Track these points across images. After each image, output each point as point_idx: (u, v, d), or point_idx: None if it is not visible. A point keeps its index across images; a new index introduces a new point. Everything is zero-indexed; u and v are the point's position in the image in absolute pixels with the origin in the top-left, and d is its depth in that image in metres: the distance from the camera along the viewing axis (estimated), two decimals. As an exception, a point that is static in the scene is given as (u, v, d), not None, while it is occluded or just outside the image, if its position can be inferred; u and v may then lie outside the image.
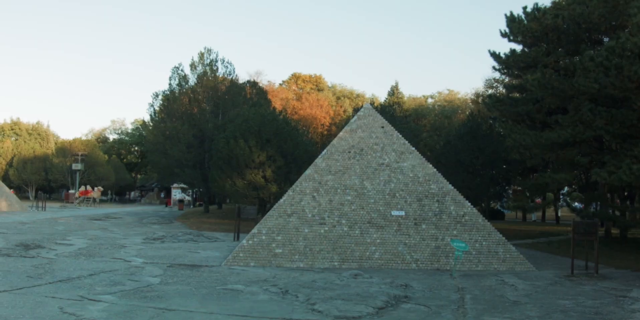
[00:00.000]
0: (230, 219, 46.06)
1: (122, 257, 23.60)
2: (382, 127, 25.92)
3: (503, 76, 49.37)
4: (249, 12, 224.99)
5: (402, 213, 23.92)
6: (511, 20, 35.44)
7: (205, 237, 33.50)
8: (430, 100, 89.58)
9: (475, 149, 44.66)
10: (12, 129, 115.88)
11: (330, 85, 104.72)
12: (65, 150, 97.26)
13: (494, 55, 37.07)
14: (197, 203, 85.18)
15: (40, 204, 65.07)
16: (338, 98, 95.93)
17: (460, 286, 18.44)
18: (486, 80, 66.38)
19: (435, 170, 25.34)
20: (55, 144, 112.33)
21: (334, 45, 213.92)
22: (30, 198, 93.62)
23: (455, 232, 23.67)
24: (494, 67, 40.29)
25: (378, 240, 23.27)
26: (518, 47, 36.65)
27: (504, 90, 50.16)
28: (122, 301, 14.32)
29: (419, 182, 24.70)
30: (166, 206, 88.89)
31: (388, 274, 20.72)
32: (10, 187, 73.64)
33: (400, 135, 26.09)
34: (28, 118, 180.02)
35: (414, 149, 25.76)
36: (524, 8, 35.13)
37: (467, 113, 61.37)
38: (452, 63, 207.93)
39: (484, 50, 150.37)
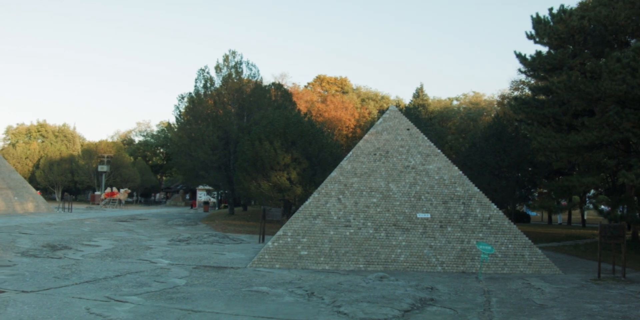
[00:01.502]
0: (255, 221, 46.09)
1: (148, 258, 23.70)
2: (408, 129, 25.89)
3: (529, 78, 49.18)
4: (274, 15, 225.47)
5: (428, 215, 23.87)
6: (537, 21, 35.24)
7: (231, 239, 33.54)
8: (455, 103, 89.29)
9: (501, 152, 44.46)
10: (39, 131, 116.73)
11: (354, 88, 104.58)
12: (91, 152, 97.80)
13: (520, 57, 36.87)
14: (222, 205, 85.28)
15: (66, 205, 65.44)
16: (363, 100, 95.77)
17: (486, 289, 18.35)
18: (512, 82, 66.07)
19: (461, 172, 25.25)
20: (82, 145, 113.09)
21: (359, 47, 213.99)
22: (57, 199, 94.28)
23: (481, 234, 23.58)
24: (519, 69, 40.06)
25: (404, 243, 23.22)
26: (544, 49, 36.43)
27: (529, 92, 49.92)
28: (148, 302, 14.37)
29: (444, 185, 24.64)
30: (191, 208, 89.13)
31: (414, 277, 20.66)
32: (36, 189, 74.21)
33: (426, 138, 26.04)
34: (54, 120, 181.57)
35: (439, 151, 25.69)
36: (550, 9, 34.91)
37: (493, 115, 61.13)
38: (478, 65, 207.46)
39: (509, 52, 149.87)
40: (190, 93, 58.88)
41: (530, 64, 36.67)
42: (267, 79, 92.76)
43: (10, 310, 12.79)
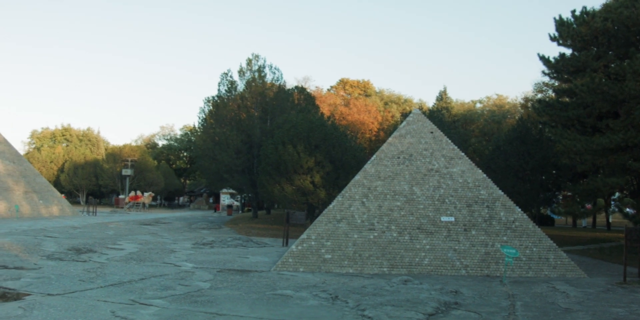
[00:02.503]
0: (278, 225, 46.19)
1: (172, 261, 23.80)
2: (432, 132, 25.85)
3: (552, 80, 48.90)
4: (298, 18, 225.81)
5: (452, 219, 23.81)
6: (560, 24, 35.06)
7: (254, 242, 33.59)
8: (478, 105, 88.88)
9: (525, 154, 44.24)
10: (63, 135, 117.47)
11: (377, 91, 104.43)
12: (115, 155, 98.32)
13: (543, 59, 36.69)
14: (246, 208, 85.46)
15: (90, 208, 65.90)
16: (386, 103, 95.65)
17: (510, 293, 18.28)
18: (535, 84, 65.73)
19: (485, 175, 25.17)
20: (106, 149, 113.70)
21: (382, 51, 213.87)
22: (81, 203, 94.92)
23: (505, 238, 23.49)
24: (543, 72, 39.81)
25: (427, 246, 23.18)
26: (567, 51, 36.24)
27: (553, 95, 49.64)
28: (173, 305, 14.43)
29: (468, 188, 24.58)
30: (215, 211, 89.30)
31: (438, 280, 20.62)
32: (61, 192, 74.67)
33: (450, 141, 25.99)
34: (78, 124, 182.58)
35: (463, 154, 25.63)
36: (573, 11, 34.75)
37: (516, 118, 60.84)
38: (501, 67, 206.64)
39: (533, 54, 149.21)
40: (213, 97, 59.06)
41: (554, 66, 36.48)
42: (290, 83, 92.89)
43: (36, 313, 12.90)
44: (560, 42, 35.66)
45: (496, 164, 45.41)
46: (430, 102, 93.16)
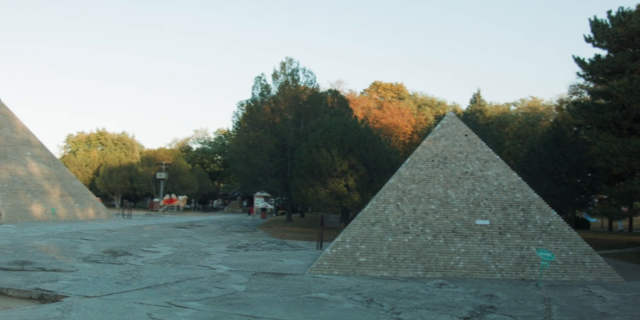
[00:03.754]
0: (312, 228, 46.18)
1: (207, 264, 23.90)
2: (466, 135, 25.77)
3: (588, 82, 48.57)
4: (329, 22, 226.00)
5: (487, 222, 23.71)
6: (595, 25, 34.86)
7: (289, 245, 33.64)
8: (512, 108, 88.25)
9: (560, 157, 43.86)
10: (98, 139, 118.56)
11: (411, 94, 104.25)
12: (149, 159, 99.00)
13: (578, 61, 36.50)
14: (280, 211, 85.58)
15: (125, 212, 66.33)
16: (419, 106, 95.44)
17: (546, 297, 18.16)
18: (570, 86, 65.27)
19: (520, 178, 25.04)
20: (140, 153, 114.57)
21: (415, 53, 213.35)
22: (116, 206, 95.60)
23: (540, 241, 23.34)
24: (578, 73, 39.59)
25: (462, 250, 23.10)
26: (603, 53, 36.02)
27: (589, 97, 49.26)
28: (209, 308, 14.49)
29: (503, 191, 24.47)
30: (249, 214, 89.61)
31: (473, 284, 20.53)
32: (96, 196, 75.18)
33: (484, 144, 25.89)
34: (113, 128, 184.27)
35: (498, 157, 25.51)
36: (609, 12, 34.52)
37: (551, 120, 60.39)
38: (535, 69, 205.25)
39: (567, 56, 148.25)
40: (247, 101, 59.30)
41: (589, 68, 36.27)
42: (324, 86, 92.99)
43: (74, 315, 13.00)
44: (596, 43, 35.46)
45: (531, 166, 45.07)
46: (464, 104, 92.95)
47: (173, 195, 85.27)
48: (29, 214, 47.23)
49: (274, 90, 58.22)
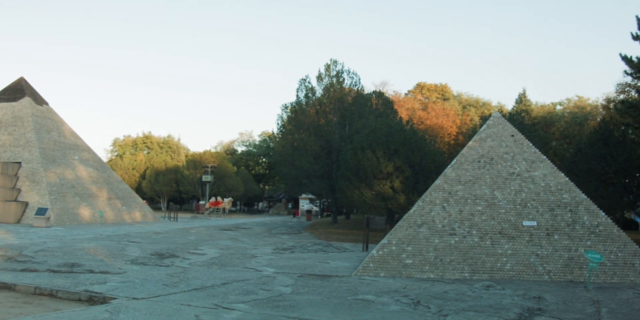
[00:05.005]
0: (358, 230, 46.15)
1: (253, 266, 23.96)
2: (512, 135, 25.58)
3: (635, 80, 47.94)
4: (373, 23, 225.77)
5: (534, 223, 23.50)
6: (643, 22, 34.40)
7: (334, 247, 33.61)
8: (559, 107, 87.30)
9: (608, 157, 43.31)
10: (144, 143, 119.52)
11: (455, 94, 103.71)
12: (195, 162, 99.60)
13: (626, 59, 36.01)
14: (325, 213, 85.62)
15: (172, 214, 66.83)
16: (464, 107, 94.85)
17: (595, 299, 17.94)
18: (617, 85, 64.30)
19: (567, 179, 24.79)
20: (186, 156, 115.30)
21: (459, 54, 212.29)
22: (162, 209, 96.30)
23: (589, 242, 23.08)
24: (625, 72, 39.02)
25: (509, 251, 22.93)
26: (652, 51, 35.55)
27: (636, 95, 48.64)
28: (256, 310, 14.50)
29: (550, 192, 24.24)
30: (294, 217, 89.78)
31: (520, 286, 20.35)
32: (143, 198, 75.83)
33: (531, 144, 25.68)
34: (159, 132, 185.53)
35: (545, 157, 25.29)
36: (657, 10, 34.09)
37: (598, 120, 59.72)
38: (581, 68, 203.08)
39: (614, 54, 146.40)
40: (292, 103, 59.40)
41: (637, 66, 35.77)
42: (368, 88, 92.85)
43: (122, 316, 13.10)
44: (644, 41, 34.97)
45: (578, 167, 44.58)
46: (509, 105, 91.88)
47: (219, 198, 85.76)
48: (77, 217, 47.78)
49: (319, 92, 58.20)
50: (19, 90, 52.51)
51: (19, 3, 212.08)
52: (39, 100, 53.38)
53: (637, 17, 34.70)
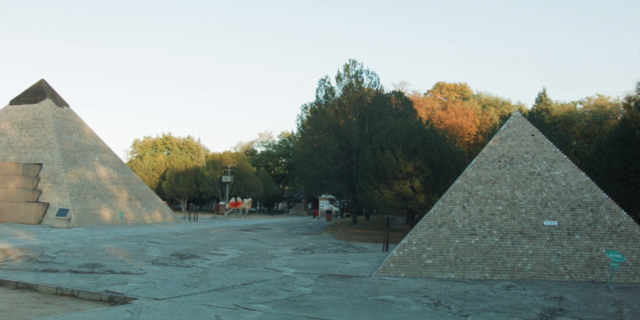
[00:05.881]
0: (378, 230, 46.11)
1: (273, 267, 23.98)
2: (533, 135, 25.46)
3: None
4: (392, 23, 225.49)
5: (555, 223, 23.39)
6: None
7: (354, 247, 33.58)
8: (579, 106, 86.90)
9: (629, 156, 42.96)
10: (164, 144, 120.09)
11: (475, 94, 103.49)
12: (215, 163, 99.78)
13: (647, 59, 35.84)
14: (345, 214, 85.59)
15: (192, 215, 66.97)
16: (484, 106, 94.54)
17: (617, 299, 17.83)
18: (638, 83, 64.07)
19: (588, 178, 24.62)
20: (206, 157, 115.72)
21: (478, 53, 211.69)
22: (182, 209, 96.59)
23: (610, 242, 22.93)
24: (647, 70, 38.88)
25: (530, 251, 22.83)
26: (673, 50, 35.30)
27: (658, 94, 48.38)
28: (276, 310, 14.52)
29: (571, 191, 24.11)
30: (314, 217, 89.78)
31: (541, 286, 20.26)
32: (163, 199, 76.09)
33: (551, 143, 25.55)
34: (179, 133, 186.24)
35: (565, 156, 25.15)
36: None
37: (619, 118, 59.35)
38: (601, 67, 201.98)
39: (634, 52, 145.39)
40: (312, 103, 59.45)
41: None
42: (388, 88, 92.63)
43: (143, 317, 13.15)
44: (665, 40, 34.74)
45: (599, 166, 44.28)
46: (529, 104, 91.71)
47: (238, 198, 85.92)
48: (98, 218, 47.97)
49: (338, 92, 58.25)
50: (40, 92, 52.82)
51: (39, 5, 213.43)
52: (59, 102, 53.68)
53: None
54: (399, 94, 63.53)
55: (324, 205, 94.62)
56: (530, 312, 15.01)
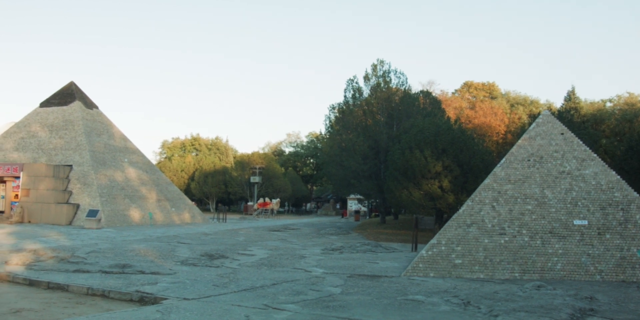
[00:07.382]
0: (406, 230, 45.99)
1: (302, 267, 23.98)
2: (562, 133, 25.28)
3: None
4: (419, 22, 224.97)
5: (585, 222, 23.21)
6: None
7: (383, 247, 33.48)
8: (608, 104, 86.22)
9: (659, 154, 42.74)
10: (193, 145, 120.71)
11: (503, 93, 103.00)
12: (243, 163, 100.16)
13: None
14: (373, 214, 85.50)
15: (220, 215, 67.19)
16: (512, 105, 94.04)
17: (649, 299, 17.74)
18: (670, 81, 63.57)
19: (618, 177, 24.39)
20: (234, 157, 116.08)
21: (506, 52, 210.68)
22: (211, 210, 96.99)
23: (642, 242, 22.79)
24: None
25: (560, 251, 22.68)
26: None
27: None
28: (306, 310, 14.53)
29: (601, 190, 23.91)
30: (342, 217, 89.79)
31: (571, 286, 20.11)
32: (192, 200, 76.42)
33: (581, 142, 25.36)
34: (207, 133, 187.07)
35: (595, 155, 24.94)
36: None
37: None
38: (631, 65, 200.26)
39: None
40: (339, 103, 59.46)
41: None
42: (415, 87, 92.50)
43: (173, 317, 13.20)
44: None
45: (629, 164, 43.95)
46: (557, 102, 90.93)
47: (267, 199, 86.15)
48: (128, 219, 48.28)
49: (366, 92, 58.26)
50: (69, 94, 53.25)
51: (69, 8, 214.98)
52: (88, 104, 54.09)
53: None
54: (426, 94, 63.39)
55: (352, 205, 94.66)
56: (561, 312, 14.91)
